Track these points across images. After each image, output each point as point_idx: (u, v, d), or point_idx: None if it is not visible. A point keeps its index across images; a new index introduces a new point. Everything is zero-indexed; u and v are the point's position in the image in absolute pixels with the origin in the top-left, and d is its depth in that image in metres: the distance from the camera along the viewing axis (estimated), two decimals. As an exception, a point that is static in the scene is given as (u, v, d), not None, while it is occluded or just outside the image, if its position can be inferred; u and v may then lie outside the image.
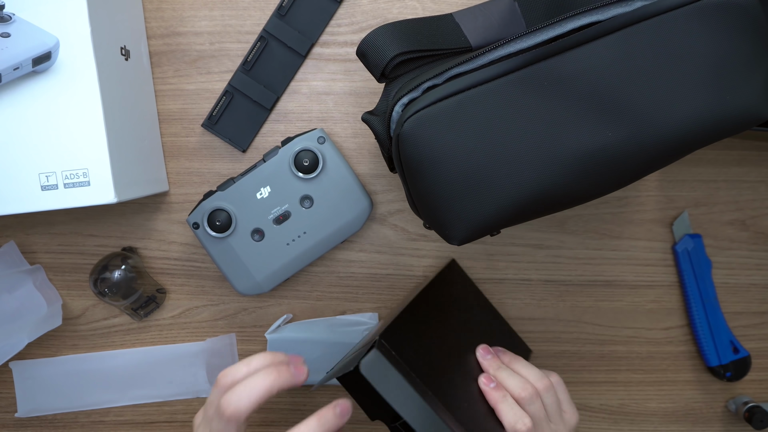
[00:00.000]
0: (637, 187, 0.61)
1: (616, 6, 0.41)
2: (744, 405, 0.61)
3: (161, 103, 0.58)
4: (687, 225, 0.60)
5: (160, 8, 0.57)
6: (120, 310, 0.60)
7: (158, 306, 0.59)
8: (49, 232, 0.59)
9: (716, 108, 0.40)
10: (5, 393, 0.61)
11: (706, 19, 0.40)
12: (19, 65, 0.45)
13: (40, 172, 0.47)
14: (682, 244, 0.60)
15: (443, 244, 0.60)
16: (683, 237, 0.60)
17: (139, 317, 0.59)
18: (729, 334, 0.62)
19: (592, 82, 0.40)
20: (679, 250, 0.60)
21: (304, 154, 0.55)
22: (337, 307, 0.61)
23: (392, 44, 0.43)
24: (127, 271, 0.57)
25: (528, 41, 0.42)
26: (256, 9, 0.57)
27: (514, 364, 0.50)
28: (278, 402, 0.62)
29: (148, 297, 0.58)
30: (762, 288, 0.62)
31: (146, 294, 0.58)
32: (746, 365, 0.62)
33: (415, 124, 0.41)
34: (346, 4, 0.57)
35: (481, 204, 0.42)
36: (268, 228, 0.55)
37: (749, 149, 0.60)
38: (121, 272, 0.57)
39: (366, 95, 0.58)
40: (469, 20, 0.46)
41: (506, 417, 0.46)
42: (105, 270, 0.57)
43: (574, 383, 0.63)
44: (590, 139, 0.41)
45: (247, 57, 0.57)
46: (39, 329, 0.56)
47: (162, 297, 0.59)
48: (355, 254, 0.60)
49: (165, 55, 0.57)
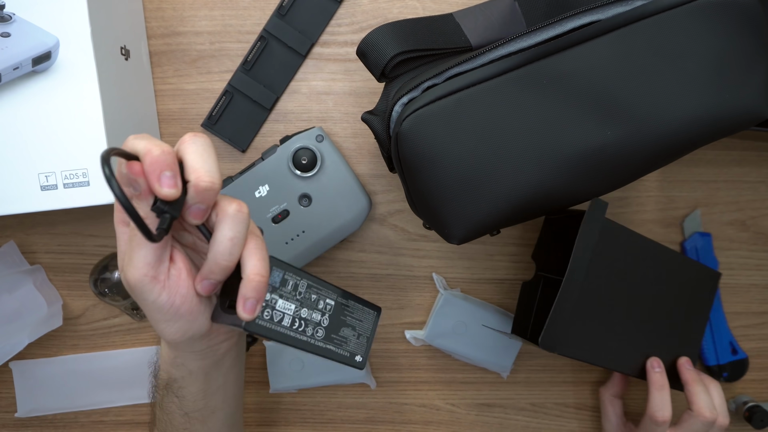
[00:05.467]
0: (637, 187, 0.61)
1: (616, 5, 0.41)
2: (744, 405, 0.61)
3: (161, 103, 0.58)
4: (698, 223, 0.60)
5: (160, 8, 0.57)
6: (120, 310, 0.60)
7: None
8: (49, 232, 0.59)
9: (715, 107, 0.40)
10: (5, 393, 0.61)
11: (705, 18, 0.40)
12: (19, 65, 0.45)
13: (39, 172, 0.47)
14: (692, 241, 0.60)
15: (443, 244, 0.60)
16: (693, 234, 0.60)
17: (140, 317, 0.59)
18: (729, 335, 0.61)
19: (592, 81, 0.40)
20: (688, 247, 0.60)
21: (303, 153, 0.55)
22: (337, 307, 0.61)
23: (392, 44, 0.44)
24: None
25: (528, 40, 0.42)
26: (256, 9, 0.57)
27: (711, 386, 0.54)
28: (279, 402, 0.62)
29: None
30: (762, 288, 0.62)
31: None
32: (744, 367, 0.61)
33: (413, 123, 0.41)
34: (346, 4, 0.57)
35: (480, 203, 0.42)
36: (266, 227, 0.55)
37: (749, 149, 0.60)
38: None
39: (366, 95, 0.58)
40: (470, 20, 0.46)
41: (698, 400, 0.52)
42: (105, 270, 0.57)
43: (574, 383, 0.63)
44: (589, 137, 0.41)
45: (247, 57, 0.57)
46: (39, 329, 0.56)
47: None
48: (355, 254, 0.60)
49: (165, 55, 0.57)
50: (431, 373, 0.62)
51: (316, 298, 0.38)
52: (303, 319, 0.38)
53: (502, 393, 0.63)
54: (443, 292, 0.59)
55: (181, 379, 0.41)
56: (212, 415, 0.43)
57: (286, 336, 0.37)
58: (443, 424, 0.63)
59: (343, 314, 0.40)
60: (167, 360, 0.41)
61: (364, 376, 0.59)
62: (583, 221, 0.47)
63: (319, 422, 0.62)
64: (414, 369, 0.62)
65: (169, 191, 0.31)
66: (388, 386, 0.62)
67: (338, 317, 0.39)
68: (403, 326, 0.61)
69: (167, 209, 0.32)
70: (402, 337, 0.61)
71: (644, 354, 0.53)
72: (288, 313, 0.37)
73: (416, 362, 0.62)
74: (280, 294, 0.37)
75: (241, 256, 0.35)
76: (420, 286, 0.61)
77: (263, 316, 0.36)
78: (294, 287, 0.37)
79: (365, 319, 0.41)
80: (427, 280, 0.61)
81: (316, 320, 0.38)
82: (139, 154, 0.32)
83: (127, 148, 0.33)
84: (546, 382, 0.63)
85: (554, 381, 0.63)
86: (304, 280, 0.38)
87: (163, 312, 0.36)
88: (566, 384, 0.63)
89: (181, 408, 0.42)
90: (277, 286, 0.37)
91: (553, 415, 0.63)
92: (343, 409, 0.62)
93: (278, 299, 0.37)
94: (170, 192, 0.31)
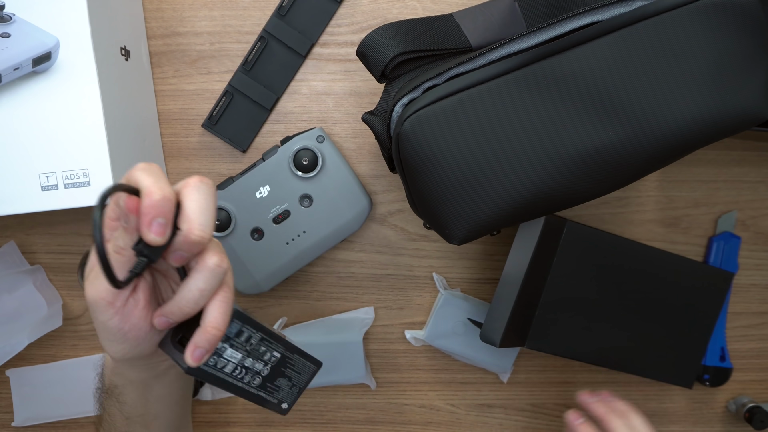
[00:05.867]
0: (637, 187, 0.61)
1: (616, 6, 0.41)
2: (744, 405, 0.61)
3: (161, 103, 0.58)
4: (732, 224, 0.60)
5: (160, 8, 0.57)
6: None
7: None
8: (49, 232, 0.59)
9: (716, 107, 0.40)
10: (5, 393, 0.61)
11: (705, 19, 0.40)
12: (19, 65, 0.45)
13: (40, 173, 0.47)
14: (720, 238, 0.60)
15: (443, 244, 0.60)
16: (723, 233, 0.60)
17: None
18: (723, 341, 0.61)
19: (592, 82, 0.40)
20: (715, 243, 0.60)
21: (304, 153, 0.55)
22: (337, 307, 0.61)
23: (392, 44, 0.43)
24: None
25: (528, 41, 0.42)
26: (256, 9, 0.57)
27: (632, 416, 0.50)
28: (278, 402, 0.62)
29: None
30: (762, 288, 0.62)
31: None
32: (726, 376, 0.62)
33: (414, 124, 0.41)
34: (346, 4, 0.57)
35: (480, 203, 0.42)
36: (267, 227, 0.55)
37: (749, 149, 0.60)
38: None
39: (366, 95, 0.58)
40: (470, 20, 0.46)
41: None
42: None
43: (574, 383, 0.63)
44: (590, 138, 0.41)
45: (247, 57, 0.57)
46: (39, 330, 0.55)
47: None
48: (355, 254, 0.60)
49: (165, 55, 0.57)
50: (431, 373, 0.62)
51: (264, 350, 0.39)
52: (245, 367, 0.38)
53: (502, 393, 0.63)
54: (443, 292, 0.59)
55: (122, 386, 0.41)
56: (155, 420, 0.43)
57: (223, 381, 0.38)
58: (443, 424, 0.63)
59: (284, 366, 0.40)
60: (108, 367, 0.41)
61: (364, 376, 0.59)
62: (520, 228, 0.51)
63: (319, 422, 0.62)
64: (414, 369, 0.62)
65: (155, 238, 0.31)
66: (388, 386, 0.62)
67: (279, 368, 0.40)
68: (403, 326, 0.61)
69: (147, 253, 0.32)
70: (402, 337, 0.61)
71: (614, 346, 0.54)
72: (233, 362, 0.38)
73: (416, 362, 0.62)
74: (231, 344, 0.37)
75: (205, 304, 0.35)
76: (420, 286, 0.61)
77: (208, 362, 0.37)
78: (247, 339, 0.38)
79: (304, 371, 0.42)
80: (427, 280, 0.61)
81: (257, 369, 0.39)
82: (140, 191, 0.31)
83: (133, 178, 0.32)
84: (546, 382, 0.63)
85: (554, 381, 0.63)
86: (258, 334, 0.38)
87: (111, 333, 0.35)
88: (566, 384, 0.63)
89: (122, 412, 0.42)
90: (231, 336, 0.37)
91: (553, 415, 0.63)
92: (343, 409, 0.62)
93: (227, 348, 0.37)
94: (156, 239, 0.31)
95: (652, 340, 0.55)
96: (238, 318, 0.37)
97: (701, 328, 0.57)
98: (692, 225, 0.61)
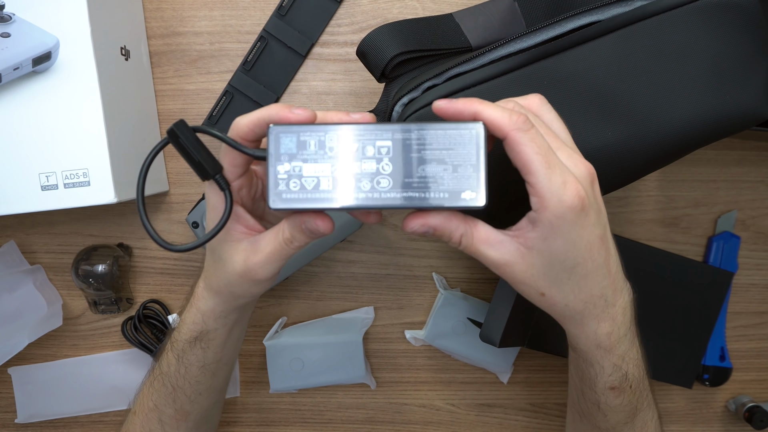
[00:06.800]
0: (637, 187, 0.61)
1: (616, 5, 0.41)
2: (744, 405, 0.61)
3: (161, 103, 0.58)
4: (732, 223, 0.60)
5: (160, 8, 0.57)
6: (84, 294, 0.59)
7: (118, 312, 0.59)
8: (49, 232, 0.59)
9: (715, 107, 0.40)
10: (5, 393, 0.61)
11: (705, 19, 0.40)
12: (19, 65, 0.45)
13: (40, 172, 0.47)
14: (720, 238, 0.60)
15: (443, 244, 0.60)
16: (723, 232, 0.60)
17: (96, 311, 0.59)
18: (722, 341, 0.61)
19: (592, 82, 0.40)
20: (715, 243, 0.60)
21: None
22: (337, 307, 0.61)
23: (392, 44, 0.44)
24: (113, 266, 0.56)
25: (528, 41, 0.42)
26: (256, 9, 0.57)
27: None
28: (278, 402, 0.62)
29: (116, 299, 0.58)
30: (762, 288, 0.62)
31: (116, 296, 0.58)
32: (725, 375, 0.61)
33: (414, 124, 0.41)
34: (346, 4, 0.57)
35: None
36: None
37: (749, 149, 0.60)
38: (105, 266, 0.56)
39: (366, 95, 0.58)
40: (469, 20, 0.46)
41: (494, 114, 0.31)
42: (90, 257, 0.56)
43: (574, 383, 0.63)
44: (590, 138, 0.41)
45: (247, 57, 0.57)
46: (39, 329, 0.56)
47: (126, 306, 0.59)
48: (355, 254, 0.60)
49: (165, 55, 0.57)
50: (431, 373, 0.62)
51: (360, 145, 0.30)
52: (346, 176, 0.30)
53: (502, 393, 0.63)
54: (443, 292, 0.59)
55: (214, 330, 0.42)
56: (223, 367, 0.46)
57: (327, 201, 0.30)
58: (443, 424, 0.63)
59: (411, 151, 0.30)
60: (211, 314, 0.42)
61: (364, 376, 0.59)
62: None
63: (319, 422, 0.62)
64: (414, 369, 0.62)
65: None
66: (388, 386, 0.62)
67: (407, 155, 0.30)
68: (403, 326, 0.61)
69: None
70: (402, 337, 0.61)
71: None
72: (323, 176, 0.30)
73: (416, 362, 0.62)
74: (304, 158, 0.30)
75: None
76: (420, 286, 0.61)
77: (289, 187, 0.30)
78: (320, 144, 0.30)
79: (457, 144, 0.30)
80: (427, 280, 0.61)
81: (371, 171, 0.30)
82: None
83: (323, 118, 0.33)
84: (546, 382, 0.63)
85: (554, 381, 0.63)
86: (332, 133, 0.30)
87: (263, 279, 0.38)
88: (566, 384, 0.63)
89: (202, 359, 0.44)
90: (294, 152, 0.30)
91: (553, 415, 0.63)
92: (343, 409, 0.62)
93: (302, 165, 0.30)
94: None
95: (652, 339, 0.55)
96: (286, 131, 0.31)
97: (701, 327, 0.57)
98: (692, 225, 0.61)
